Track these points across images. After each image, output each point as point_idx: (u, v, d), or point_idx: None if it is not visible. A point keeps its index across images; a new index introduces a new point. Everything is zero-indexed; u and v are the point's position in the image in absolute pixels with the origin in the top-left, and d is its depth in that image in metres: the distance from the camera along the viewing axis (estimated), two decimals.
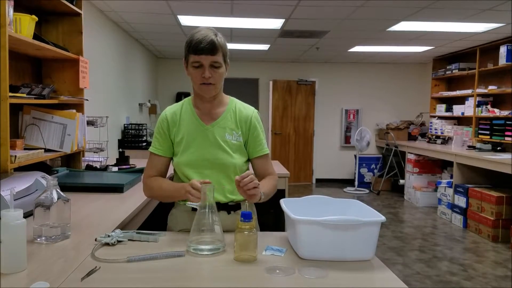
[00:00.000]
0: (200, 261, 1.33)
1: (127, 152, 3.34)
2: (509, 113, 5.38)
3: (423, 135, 7.68)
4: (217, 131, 1.70)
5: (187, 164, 1.68)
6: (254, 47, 6.64)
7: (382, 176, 7.56)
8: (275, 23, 4.93)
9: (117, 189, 2.25)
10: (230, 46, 6.80)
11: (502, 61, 5.43)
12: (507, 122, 5.38)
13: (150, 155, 1.74)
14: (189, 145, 1.69)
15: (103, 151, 3.22)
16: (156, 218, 2.51)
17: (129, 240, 1.47)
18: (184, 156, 1.69)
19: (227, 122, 1.72)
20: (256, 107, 1.85)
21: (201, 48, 1.56)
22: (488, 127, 5.73)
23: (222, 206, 1.69)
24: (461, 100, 6.61)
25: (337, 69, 8.34)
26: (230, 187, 1.69)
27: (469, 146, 5.93)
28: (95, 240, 1.43)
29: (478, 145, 5.75)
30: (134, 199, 2.13)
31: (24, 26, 2.16)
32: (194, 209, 1.53)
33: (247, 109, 1.78)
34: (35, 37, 2.30)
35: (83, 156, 2.90)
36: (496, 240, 4.71)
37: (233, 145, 1.70)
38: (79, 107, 2.82)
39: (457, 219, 5.40)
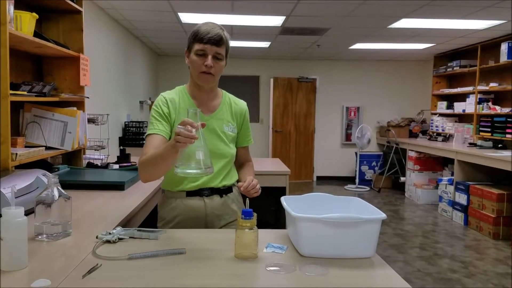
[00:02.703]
0: (201, 258, 1.33)
1: (128, 150, 3.33)
2: (510, 110, 5.37)
3: (424, 132, 7.68)
4: (216, 123, 1.77)
5: None
6: (255, 45, 6.64)
7: (383, 174, 7.56)
8: (276, 20, 4.93)
9: (118, 186, 2.25)
10: (231, 43, 6.79)
11: (503, 58, 5.41)
12: (508, 119, 5.37)
13: (149, 137, 1.67)
14: None
15: (104, 148, 3.22)
16: (156, 216, 2.51)
17: (130, 237, 1.47)
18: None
19: (224, 114, 1.81)
20: (257, 105, 1.90)
21: (208, 38, 1.63)
22: (489, 124, 5.73)
23: (215, 191, 1.78)
24: (462, 97, 6.60)
25: (338, 67, 8.33)
26: (225, 175, 1.80)
27: (470, 143, 5.92)
28: (96, 237, 1.43)
29: (479, 142, 5.75)
30: (135, 196, 2.13)
31: (25, 23, 2.16)
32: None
33: (241, 103, 1.89)
34: (36, 34, 2.30)
35: (84, 153, 2.90)
36: (497, 238, 4.71)
37: (229, 136, 1.80)
38: (80, 104, 2.82)
39: (458, 217, 5.40)
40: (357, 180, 7.71)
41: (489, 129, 5.73)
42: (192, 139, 1.32)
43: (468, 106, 6.32)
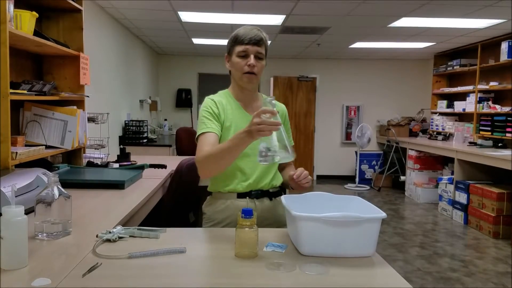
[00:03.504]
0: (201, 257, 1.33)
1: (128, 149, 3.33)
2: (510, 109, 5.37)
3: (424, 131, 7.68)
4: None
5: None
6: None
7: (383, 173, 7.56)
8: (276, 19, 4.92)
9: (118, 185, 2.25)
10: None
11: (504, 57, 5.41)
12: (508, 119, 5.37)
13: (203, 136, 1.68)
14: None
15: (104, 147, 3.22)
16: (157, 215, 2.51)
17: (130, 236, 1.47)
18: None
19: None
20: None
21: (249, 38, 1.70)
22: (489, 123, 5.73)
23: (265, 193, 1.80)
24: (462, 96, 6.60)
25: (338, 66, 8.32)
26: (274, 174, 1.83)
27: (470, 143, 5.92)
28: (96, 236, 1.43)
29: (479, 141, 5.75)
30: (135, 195, 2.13)
31: (25, 22, 2.16)
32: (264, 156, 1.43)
33: (280, 104, 1.93)
34: (36, 33, 2.29)
35: (84, 152, 2.90)
36: (497, 237, 4.71)
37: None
38: (80, 103, 2.82)
39: (458, 216, 5.40)
40: (357, 179, 7.72)
41: (489, 128, 5.72)
42: (277, 126, 1.36)
43: (468, 105, 6.31)
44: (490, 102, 5.89)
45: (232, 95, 1.83)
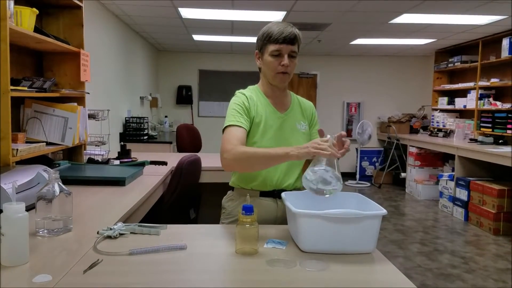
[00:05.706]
0: (202, 254, 1.33)
1: (129, 146, 3.34)
2: (511, 106, 5.37)
3: (425, 128, 7.67)
4: (291, 120, 1.78)
5: None
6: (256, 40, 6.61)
7: (384, 169, 7.56)
8: (277, 16, 4.91)
9: (119, 182, 2.26)
10: (231, 39, 6.78)
11: (505, 53, 5.40)
12: (509, 115, 5.37)
13: (231, 128, 1.64)
14: (266, 131, 1.72)
15: (104, 144, 3.22)
16: (158, 212, 2.52)
17: (131, 233, 1.47)
18: (264, 141, 1.70)
19: (296, 112, 1.82)
20: None
21: (283, 37, 1.65)
22: (490, 120, 5.72)
23: None
24: (463, 93, 6.59)
25: (339, 62, 8.31)
26: (298, 175, 1.81)
27: (470, 139, 5.92)
28: (97, 233, 1.43)
29: (479, 138, 5.74)
30: (136, 192, 2.13)
31: (25, 19, 2.15)
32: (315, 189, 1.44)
33: (307, 102, 1.91)
34: (36, 30, 2.29)
35: (85, 149, 2.90)
36: (497, 233, 4.71)
37: (303, 134, 1.80)
38: (80, 100, 2.82)
39: (458, 212, 5.40)
40: (357, 176, 7.72)
41: (490, 125, 5.72)
42: (336, 155, 1.41)
43: (469, 101, 6.31)
44: (491, 99, 5.88)
45: (262, 91, 1.81)
